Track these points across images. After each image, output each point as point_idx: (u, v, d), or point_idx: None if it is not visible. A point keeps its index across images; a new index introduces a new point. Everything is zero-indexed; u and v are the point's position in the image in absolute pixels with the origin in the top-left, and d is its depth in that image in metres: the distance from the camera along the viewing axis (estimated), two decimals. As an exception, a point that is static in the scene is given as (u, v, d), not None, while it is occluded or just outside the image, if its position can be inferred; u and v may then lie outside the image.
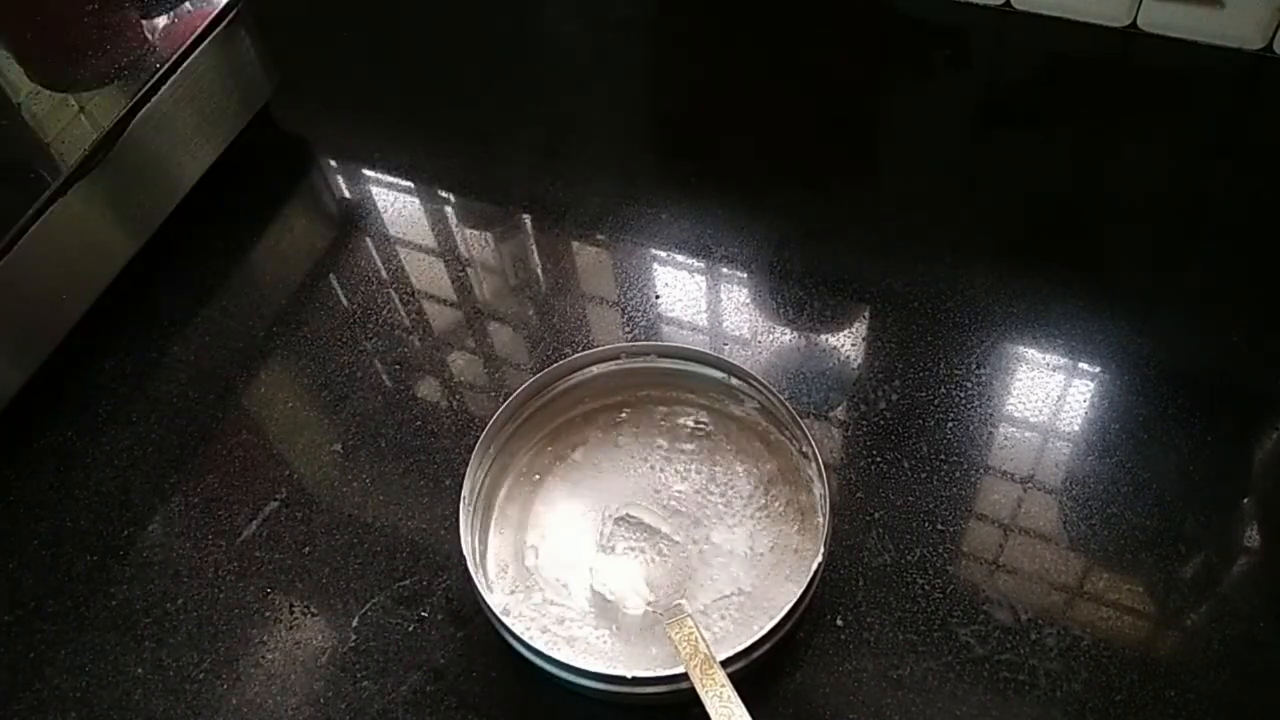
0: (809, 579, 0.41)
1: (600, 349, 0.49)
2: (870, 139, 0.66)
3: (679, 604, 0.44)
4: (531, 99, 0.70)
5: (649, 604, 0.45)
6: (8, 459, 0.54)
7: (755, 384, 0.47)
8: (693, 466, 0.49)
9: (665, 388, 0.50)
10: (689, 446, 0.49)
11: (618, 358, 0.49)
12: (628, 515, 0.47)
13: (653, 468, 0.49)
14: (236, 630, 0.48)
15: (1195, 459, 0.48)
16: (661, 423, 0.50)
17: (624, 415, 0.50)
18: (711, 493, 0.48)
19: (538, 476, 0.49)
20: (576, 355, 0.49)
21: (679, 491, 0.48)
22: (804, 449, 0.46)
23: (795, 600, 0.40)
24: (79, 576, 0.50)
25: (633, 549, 0.46)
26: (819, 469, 0.44)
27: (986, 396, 0.51)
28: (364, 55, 0.76)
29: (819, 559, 0.41)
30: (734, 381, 0.48)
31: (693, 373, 0.49)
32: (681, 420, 0.50)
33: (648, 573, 0.45)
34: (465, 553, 0.43)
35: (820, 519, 0.43)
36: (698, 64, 0.71)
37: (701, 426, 0.50)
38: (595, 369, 0.50)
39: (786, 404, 0.45)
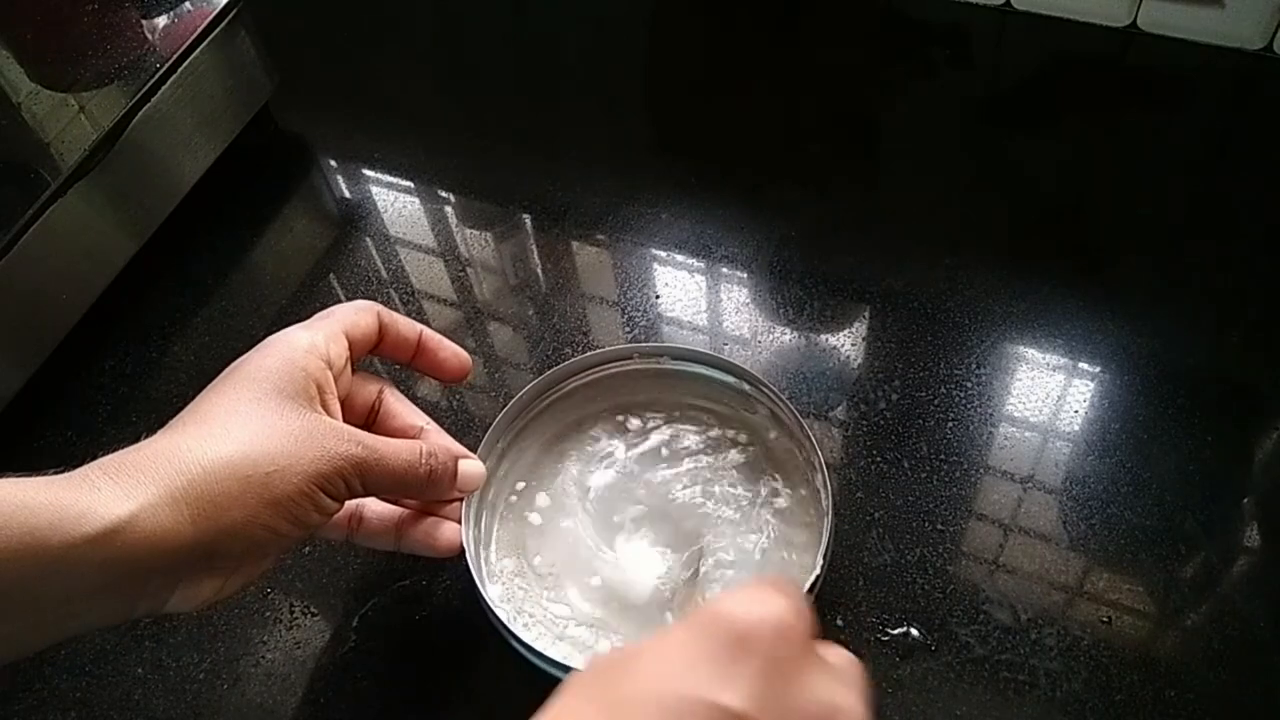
0: (810, 582, 0.41)
1: (610, 349, 0.49)
2: (870, 139, 0.66)
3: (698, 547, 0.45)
4: (532, 99, 0.70)
5: (659, 579, 0.45)
6: (8, 459, 0.54)
7: (762, 387, 0.47)
8: (699, 468, 0.48)
9: (672, 390, 0.50)
10: (692, 448, 0.49)
11: (630, 358, 0.49)
12: (631, 516, 0.47)
13: (656, 468, 0.49)
14: (236, 630, 0.48)
15: (1195, 459, 0.48)
16: (665, 425, 0.50)
17: (629, 416, 0.50)
18: (714, 494, 0.48)
19: (540, 476, 0.49)
20: (586, 354, 0.49)
21: (683, 492, 0.48)
22: (805, 450, 0.46)
23: (795, 601, 0.40)
24: (79, 576, 0.50)
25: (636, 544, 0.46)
26: (820, 469, 0.44)
27: (986, 396, 0.51)
28: (364, 55, 0.76)
29: (820, 561, 0.41)
30: (743, 385, 0.48)
31: (699, 374, 0.49)
32: (685, 422, 0.50)
33: (654, 560, 0.45)
34: (465, 552, 0.43)
35: (821, 520, 0.43)
36: (697, 64, 0.71)
37: (706, 428, 0.50)
38: (601, 370, 0.49)
39: (791, 406, 0.45)
